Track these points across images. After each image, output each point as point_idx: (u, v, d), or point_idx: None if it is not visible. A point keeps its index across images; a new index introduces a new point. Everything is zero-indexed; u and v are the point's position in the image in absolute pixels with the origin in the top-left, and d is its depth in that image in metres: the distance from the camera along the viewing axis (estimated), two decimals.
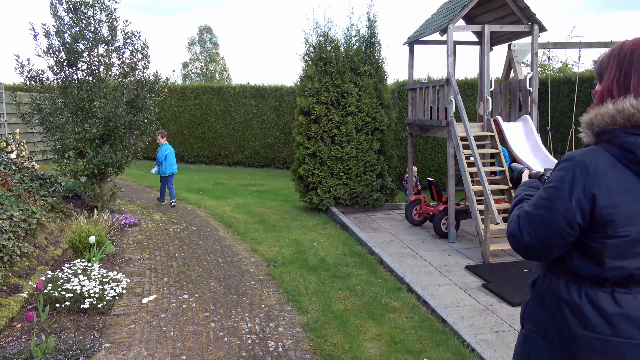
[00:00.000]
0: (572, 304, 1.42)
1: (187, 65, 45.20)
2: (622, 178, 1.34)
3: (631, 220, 1.33)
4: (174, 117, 15.88)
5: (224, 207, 8.67)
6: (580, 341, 1.40)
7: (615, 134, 1.37)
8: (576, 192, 1.35)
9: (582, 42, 7.38)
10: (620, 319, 1.36)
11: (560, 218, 1.37)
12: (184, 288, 4.69)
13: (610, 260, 1.36)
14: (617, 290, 1.38)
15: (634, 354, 1.34)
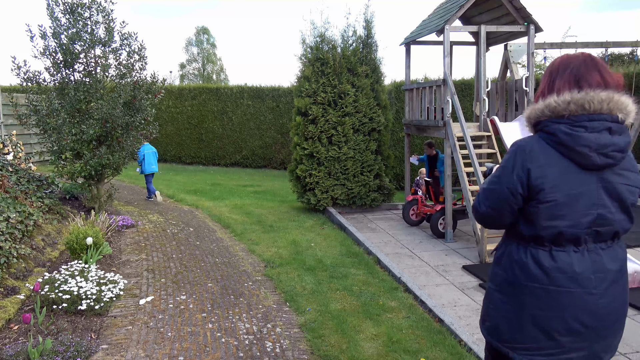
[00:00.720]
0: (520, 261, 1.79)
1: (184, 66, 45.17)
2: (549, 156, 1.72)
3: (555, 188, 1.70)
4: (171, 118, 15.88)
5: (222, 208, 8.67)
6: (526, 290, 1.77)
7: (544, 124, 1.75)
8: (516, 168, 1.73)
9: (578, 42, 7.41)
10: (555, 272, 1.73)
11: (505, 189, 1.75)
12: (182, 289, 4.69)
13: (543, 221, 1.72)
14: (553, 249, 1.74)
15: (565, 299, 1.73)
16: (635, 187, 1.79)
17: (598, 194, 1.72)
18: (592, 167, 1.71)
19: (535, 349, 1.77)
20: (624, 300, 1.80)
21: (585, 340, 1.75)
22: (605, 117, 1.70)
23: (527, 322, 1.79)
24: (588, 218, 1.71)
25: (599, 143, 1.69)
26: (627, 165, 1.77)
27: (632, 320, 4.01)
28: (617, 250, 1.79)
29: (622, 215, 1.76)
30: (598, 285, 1.73)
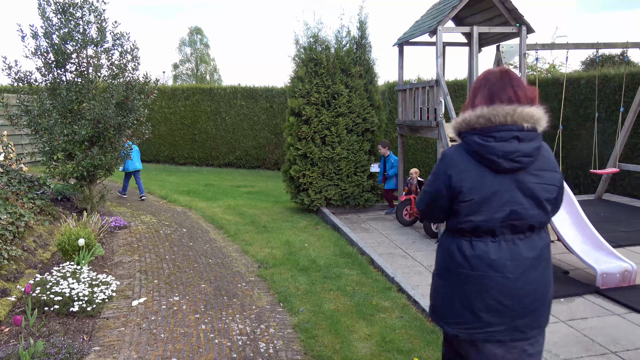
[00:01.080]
0: (449, 249, 2.12)
1: (177, 66, 45.00)
2: (467, 163, 2.02)
3: (473, 190, 2.01)
4: (164, 118, 15.82)
5: (215, 208, 8.65)
6: (455, 274, 2.09)
7: (463, 135, 2.06)
8: (441, 174, 2.06)
9: (569, 44, 7.46)
10: (475, 259, 2.04)
11: (434, 191, 2.09)
12: (175, 290, 4.68)
13: (464, 217, 2.04)
14: (473, 239, 2.05)
15: (484, 282, 2.02)
16: (551, 185, 2.05)
17: (512, 194, 2.01)
18: (503, 171, 2.00)
19: (463, 324, 2.09)
20: (543, 283, 2.07)
21: (504, 316, 2.04)
22: (511, 128, 1.98)
23: (456, 302, 2.11)
24: (501, 214, 2.00)
25: (504, 150, 1.97)
26: (543, 165, 2.05)
27: (622, 318, 4.05)
28: (535, 240, 2.07)
29: (537, 211, 2.04)
30: (514, 270, 2.02)
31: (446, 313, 2.14)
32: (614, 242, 6.03)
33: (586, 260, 4.85)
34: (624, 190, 9.39)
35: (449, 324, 2.13)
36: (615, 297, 4.43)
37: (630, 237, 6.36)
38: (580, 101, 10.08)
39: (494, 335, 2.05)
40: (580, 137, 10.12)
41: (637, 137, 8.97)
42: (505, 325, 2.05)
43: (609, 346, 3.59)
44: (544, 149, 2.08)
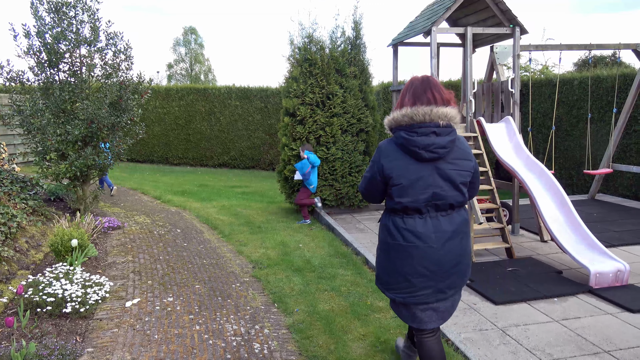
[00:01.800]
0: (386, 225, 2.60)
1: (172, 66, 44.89)
2: (396, 153, 2.50)
3: (400, 176, 2.47)
4: (158, 118, 15.76)
5: (209, 209, 8.62)
6: (391, 246, 2.57)
7: (393, 130, 2.53)
8: (376, 162, 2.53)
9: (562, 45, 7.50)
10: (406, 232, 2.51)
11: (371, 176, 2.57)
12: (169, 291, 4.66)
13: (396, 198, 2.51)
14: (404, 216, 2.53)
15: (413, 251, 2.49)
16: (465, 171, 2.53)
17: (433, 178, 2.47)
18: (424, 160, 2.45)
19: (398, 289, 2.57)
20: (460, 251, 2.56)
21: (431, 280, 2.51)
22: (429, 125, 2.43)
23: (392, 269, 2.57)
24: (425, 196, 2.48)
25: (424, 143, 2.43)
26: (458, 155, 2.52)
27: (615, 318, 4.08)
28: (455, 216, 2.55)
29: (454, 192, 2.52)
30: (437, 241, 2.49)
31: (386, 280, 2.64)
32: (607, 242, 6.07)
33: (579, 260, 4.88)
34: (616, 190, 9.46)
35: (388, 290, 2.65)
36: (608, 296, 4.46)
37: (623, 237, 6.41)
38: (573, 102, 10.14)
39: (422, 299, 2.56)
40: (573, 137, 10.18)
41: (629, 138, 9.05)
42: (431, 289, 2.54)
43: (602, 345, 3.61)
44: (458, 141, 2.55)
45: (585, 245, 5.16)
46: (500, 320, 4.06)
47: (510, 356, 3.47)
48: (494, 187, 6.09)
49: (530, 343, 3.65)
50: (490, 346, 3.61)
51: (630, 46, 7.75)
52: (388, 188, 2.54)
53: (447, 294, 2.58)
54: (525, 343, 3.65)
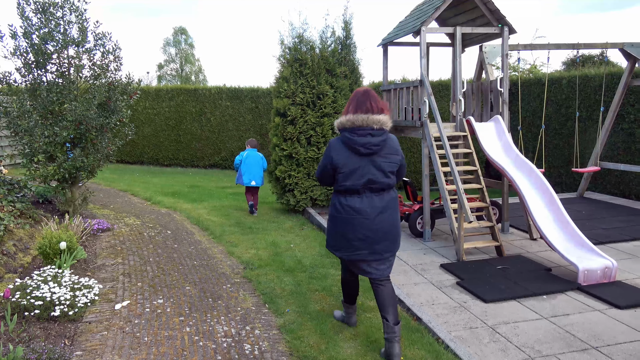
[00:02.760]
0: (334, 202, 3.41)
1: (162, 66, 44.63)
2: (342, 148, 3.29)
3: (344, 166, 3.27)
4: (148, 119, 15.66)
5: (200, 210, 8.58)
6: (337, 218, 3.38)
7: (341, 131, 3.31)
8: (328, 155, 3.32)
9: (550, 44, 7.56)
10: (347, 207, 3.32)
11: (323, 165, 3.36)
12: (159, 293, 4.63)
13: (341, 182, 3.31)
14: (347, 196, 3.34)
15: (353, 222, 3.29)
16: (393, 163, 3.34)
17: (368, 168, 3.27)
18: (362, 154, 3.26)
19: (343, 249, 3.40)
20: (390, 222, 3.36)
21: (366, 243, 3.32)
22: (366, 128, 3.24)
23: (338, 235, 3.40)
24: (362, 181, 3.28)
25: (362, 142, 3.24)
26: (389, 151, 3.32)
27: (603, 314, 4.12)
28: (385, 196, 3.35)
29: (385, 179, 3.32)
30: (371, 214, 3.30)
31: (334, 243, 3.46)
32: (595, 239, 6.13)
33: (568, 258, 4.92)
34: (605, 188, 9.56)
35: (336, 250, 3.45)
36: (597, 293, 4.51)
37: (611, 234, 6.47)
38: (561, 101, 10.23)
39: (362, 256, 3.36)
40: (562, 136, 10.27)
41: (617, 136, 9.14)
42: (368, 250, 3.34)
43: (590, 342, 3.64)
44: (389, 140, 3.33)
45: (573, 243, 5.20)
46: (490, 318, 4.09)
47: (499, 353, 3.49)
48: (483, 186, 6.13)
49: (519, 340, 3.68)
50: (480, 344, 3.64)
51: (617, 45, 7.84)
52: (335, 174, 3.34)
53: (382, 255, 3.38)
54: (515, 340, 3.68)
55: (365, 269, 3.43)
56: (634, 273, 5.08)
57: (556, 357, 3.42)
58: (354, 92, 3.39)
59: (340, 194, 3.37)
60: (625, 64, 8.29)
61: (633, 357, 3.40)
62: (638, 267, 5.26)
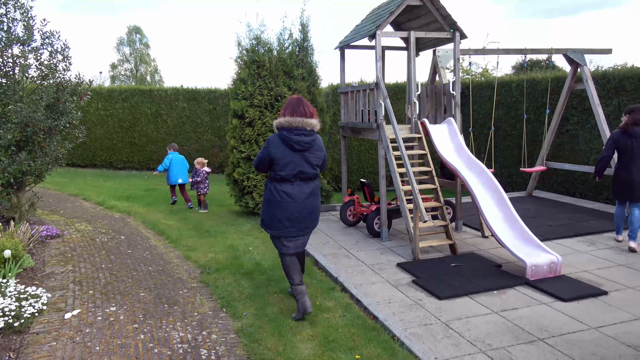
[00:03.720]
0: (269, 188, 4.06)
1: (115, 66, 43.28)
2: (279, 144, 3.96)
3: (281, 159, 3.94)
4: (100, 121, 15.15)
5: (156, 214, 8.39)
6: (271, 201, 4.03)
7: (279, 129, 3.99)
8: (267, 149, 3.97)
9: (499, 49, 7.87)
10: (281, 192, 3.99)
11: (262, 156, 4.01)
12: (111, 300, 4.49)
13: (277, 172, 3.98)
14: (281, 183, 4.00)
15: (285, 205, 3.99)
16: (319, 158, 4.10)
17: (300, 162, 3.98)
18: (296, 150, 3.96)
19: (276, 228, 4.06)
20: (313, 204, 4.11)
21: (294, 222, 4.04)
22: (300, 129, 3.96)
23: (272, 216, 4.06)
24: (294, 172, 3.98)
25: (297, 140, 3.94)
26: (317, 148, 4.07)
27: (549, 307, 4.33)
28: (311, 184, 4.10)
29: (312, 170, 4.05)
30: (299, 198, 4.02)
31: (268, 223, 4.12)
32: (542, 236, 6.43)
33: (517, 254, 5.14)
34: (551, 187, 10.03)
35: (269, 228, 4.12)
36: (543, 287, 4.73)
37: (557, 231, 6.80)
38: (511, 103, 10.66)
39: (290, 233, 4.07)
40: (512, 137, 10.70)
41: (562, 137, 9.61)
42: (295, 228, 4.07)
43: (537, 334, 3.82)
44: (317, 140, 4.08)
45: (521, 240, 5.44)
46: (444, 314, 4.21)
47: (452, 348, 3.60)
48: (437, 186, 6.30)
49: (471, 335, 3.81)
50: (435, 340, 3.74)
51: (561, 51, 8.25)
52: (272, 165, 4.01)
53: (305, 232, 4.14)
54: (467, 335, 3.81)
55: (287, 245, 4.11)
56: (577, 267, 5.37)
57: (505, 350, 3.57)
58: (288, 99, 4.08)
59: (275, 181, 4.03)
60: (569, 69, 8.73)
61: (575, 347, 3.59)
62: (581, 262, 5.56)
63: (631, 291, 4.65)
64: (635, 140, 5.85)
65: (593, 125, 8.82)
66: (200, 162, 9.01)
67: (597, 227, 6.96)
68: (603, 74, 8.81)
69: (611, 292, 4.62)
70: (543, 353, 3.51)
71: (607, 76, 8.70)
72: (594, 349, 3.56)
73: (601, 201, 8.90)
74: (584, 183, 9.30)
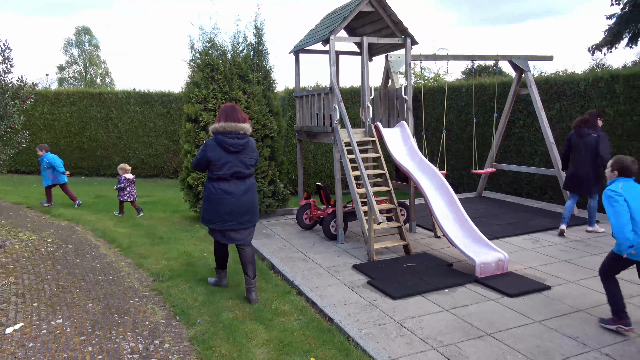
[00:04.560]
0: (208, 187, 4.50)
1: (63, 68, 41.57)
2: (215, 147, 4.40)
3: (217, 160, 4.39)
4: (46, 125, 14.51)
5: (106, 221, 8.10)
6: (211, 198, 4.47)
7: (215, 133, 4.44)
8: (205, 151, 4.41)
9: (449, 55, 8.14)
10: (219, 190, 4.44)
11: (200, 157, 4.45)
12: (57, 312, 4.31)
13: (215, 172, 4.42)
14: (219, 182, 4.45)
15: (224, 201, 4.43)
16: (252, 158, 4.55)
17: (235, 162, 4.42)
18: (231, 152, 4.40)
19: (216, 222, 4.49)
20: (250, 199, 4.55)
21: (234, 216, 4.47)
22: (234, 133, 4.40)
23: (212, 211, 4.48)
24: (230, 172, 4.41)
25: (231, 143, 4.38)
26: (250, 150, 4.52)
27: (497, 303, 4.50)
28: (247, 182, 4.54)
29: (247, 170, 4.49)
30: (237, 194, 4.45)
31: (208, 218, 4.53)
32: (491, 235, 6.68)
33: (466, 253, 5.32)
34: (500, 187, 10.44)
35: (211, 223, 4.53)
36: (491, 284, 4.92)
37: (504, 230, 7.09)
38: (461, 107, 11.03)
39: (229, 226, 4.51)
40: (463, 140, 11.07)
41: (509, 140, 10.04)
42: (235, 221, 4.50)
43: (486, 329, 3.96)
44: (250, 142, 4.55)
45: (471, 239, 5.63)
46: (397, 313, 4.30)
47: (405, 347, 3.68)
48: (391, 188, 6.43)
49: (424, 332, 3.91)
50: (388, 339, 3.81)
51: (507, 57, 8.62)
52: (210, 166, 4.44)
53: (246, 225, 4.57)
54: (420, 333, 3.90)
55: (233, 236, 4.56)
56: (522, 264, 5.61)
57: (456, 346, 3.68)
58: (222, 106, 4.54)
59: (213, 180, 4.46)
60: (514, 74, 9.14)
61: (521, 340, 3.76)
62: (526, 259, 5.81)
63: (572, 285, 4.91)
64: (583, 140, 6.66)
65: (537, 128, 9.26)
66: (122, 168, 8.72)
67: (541, 225, 7.31)
68: (546, 80, 9.28)
69: (554, 287, 4.86)
70: (491, 347, 3.65)
71: (549, 82, 9.17)
72: (538, 341, 3.73)
73: (545, 200, 9.35)
74: (530, 183, 9.74)
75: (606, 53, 15.68)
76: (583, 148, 6.63)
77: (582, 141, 6.65)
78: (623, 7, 14.55)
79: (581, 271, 5.32)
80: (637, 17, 14.49)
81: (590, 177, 6.61)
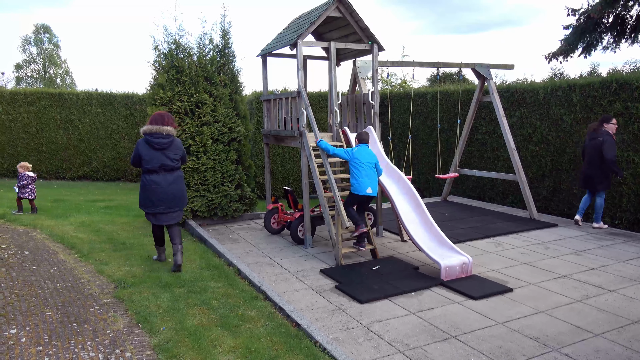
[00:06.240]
0: (143, 179, 5.49)
1: (21, 67, 40.03)
2: (145, 145, 5.41)
3: (146, 156, 5.39)
4: (2, 126, 13.91)
5: (66, 226, 7.81)
6: (145, 188, 5.46)
7: (144, 134, 5.44)
8: (137, 149, 5.42)
9: (414, 62, 8.28)
10: (150, 181, 5.43)
11: (135, 155, 5.44)
12: (11, 322, 4.11)
13: (145, 165, 5.41)
14: (150, 174, 5.44)
15: (155, 190, 5.43)
16: (176, 154, 5.50)
17: (162, 157, 5.39)
18: (157, 149, 5.38)
19: (150, 207, 5.46)
20: (178, 188, 5.52)
21: (163, 202, 5.44)
22: (159, 134, 5.38)
23: (146, 198, 5.44)
24: (158, 165, 5.40)
25: (156, 142, 5.37)
26: (175, 147, 5.49)
27: (461, 306, 4.59)
28: (174, 173, 5.51)
29: (172, 163, 5.51)
30: (165, 184, 5.43)
31: (144, 203, 5.45)
32: (455, 238, 6.81)
33: (432, 256, 5.40)
34: (464, 192, 10.68)
35: (146, 207, 5.45)
36: (456, 287, 5.01)
37: (468, 233, 7.25)
38: (427, 113, 11.24)
39: (160, 210, 5.45)
40: (429, 145, 11.27)
41: (472, 146, 10.29)
42: (164, 206, 5.44)
43: (450, 331, 4.03)
44: (175, 141, 5.49)
45: (436, 243, 5.73)
46: (365, 317, 4.32)
47: (373, 350, 3.70)
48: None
49: (390, 336, 3.94)
50: (356, 343, 3.82)
51: (470, 65, 8.84)
52: (141, 161, 5.34)
53: (174, 209, 5.53)
54: (387, 337, 3.93)
55: (163, 219, 5.50)
56: (486, 267, 5.75)
57: (422, 349, 3.73)
58: (155, 113, 5.49)
59: (146, 172, 5.40)
60: (477, 82, 9.38)
61: (485, 341, 3.84)
62: (489, 261, 5.96)
63: (533, 287, 5.06)
64: (591, 143, 7.29)
65: (499, 134, 9.53)
66: (22, 166, 8.68)
67: (503, 228, 7.51)
68: (507, 88, 9.58)
69: (516, 289, 5.00)
70: (456, 349, 3.71)
71: (510, 90, 9.46)
72: (501, 343, 3.82)
73: (507, 205, 9.62)
74: (492, 188, 10.01)
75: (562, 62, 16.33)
76: (590, 150, 7.26)
77: (590, 144, 7.28)
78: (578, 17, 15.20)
79: (541, 273, 5.50)
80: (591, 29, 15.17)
81: (597, 176, 7.21)
